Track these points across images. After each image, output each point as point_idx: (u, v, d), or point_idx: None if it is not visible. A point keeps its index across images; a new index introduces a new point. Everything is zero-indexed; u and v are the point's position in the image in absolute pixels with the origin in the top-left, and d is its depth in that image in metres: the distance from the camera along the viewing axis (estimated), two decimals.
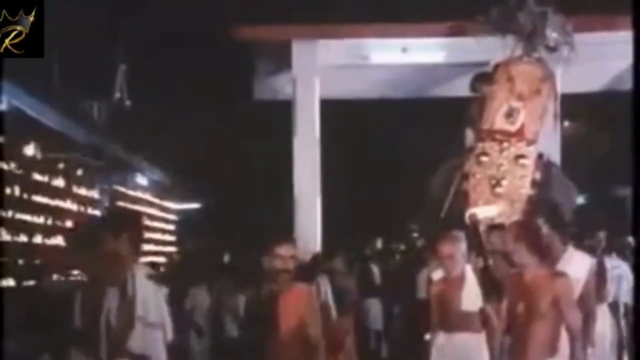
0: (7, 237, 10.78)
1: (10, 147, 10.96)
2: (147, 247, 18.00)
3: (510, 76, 10.70)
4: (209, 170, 19.80)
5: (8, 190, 10.87)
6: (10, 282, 10.53)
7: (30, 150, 11.73)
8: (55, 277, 12.11)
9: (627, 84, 11.82)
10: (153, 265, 14.35)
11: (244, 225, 18.09)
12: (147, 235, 18.46)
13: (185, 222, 21.64)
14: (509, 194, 10.26)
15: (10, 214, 10.89)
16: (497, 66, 10.96)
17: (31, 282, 11.21)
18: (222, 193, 20.40)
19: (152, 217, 19.20)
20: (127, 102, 16.62)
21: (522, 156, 10.39)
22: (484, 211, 9.95)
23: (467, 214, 9.87)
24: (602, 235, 9.97)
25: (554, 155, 11.57)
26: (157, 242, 19.31)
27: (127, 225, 6.01)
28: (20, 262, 11.20)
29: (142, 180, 18.36)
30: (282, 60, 13.06)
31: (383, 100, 14.42)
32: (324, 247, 12.14)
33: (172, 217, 21.15)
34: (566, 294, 6.54)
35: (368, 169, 17.73)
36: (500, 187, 10.22)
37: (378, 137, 17.49)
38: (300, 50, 12.81)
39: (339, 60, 13.13)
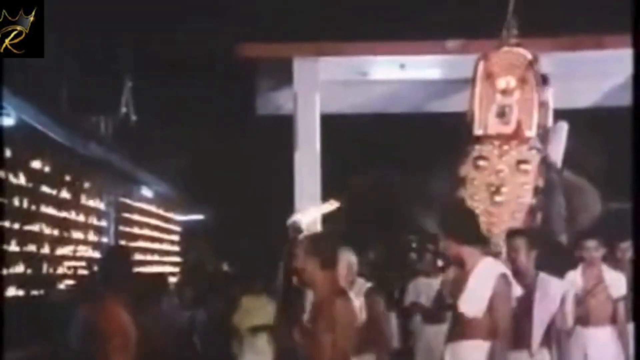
0: (15, 247, 10.70)
1: (19, 160, 10.90)
2: (151, 257, 17.92)
3: (489, 71, 9.61)
4: (212, 183, 19.76)
5: (17, 202, 10.80)
6: (19, 292, 10.50)
7: (38, 163, 11.68)
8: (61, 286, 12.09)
9: (618, 100, 11.79)
10: (162, 276, 14.25)
11: (245, 237, 18.05)
12: (152, 245, 18.38)
13: (188, 233, 21.60)
14: (509, 202, 9.17)
15: (18, 225, 10.81)
16: (475, 63, 9.91)
17: (38, 292, 11.21)
18: (225, 205, 20.33)
19: (157, 228, 19.13)
20: (133, 117, 16.61)
21: (523, 161, 9.27)
22: (307, 215, 8.69)
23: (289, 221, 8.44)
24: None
25: (556, 153, 10.02)
26: (161, 252, 19.23)
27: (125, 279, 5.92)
28: (29, 271, 11.15)
29: (147, 192, 18.31)
30: (283, 77, 12.99)
31: (382, 115, 14.36)
32: None
33: (176, 228, 21.09)
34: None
35: (368, 182, 17.67)
36: (500, 195, 9.13)
37: (377, 151, 17.44)
38: (301, 67, 12.71)
39: (338, 77, 13.07)
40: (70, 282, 12.43)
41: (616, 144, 9.29)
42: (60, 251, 12.35)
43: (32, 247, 11.29)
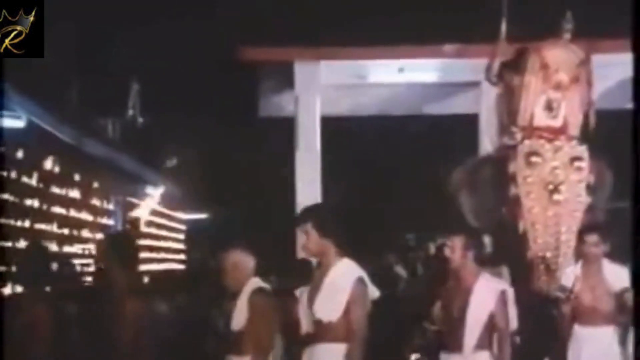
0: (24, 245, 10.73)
1: (29, 161, 10.92)
2: (157, 255, 17.96)
3: (544, 63, 8.71)
4: (216, 183, 19.81)
5: (28, 202, 10.84)
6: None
7: (48, 164, 11.70)
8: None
9: (613, 103, 11.82)
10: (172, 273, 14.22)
11: (248, 235, 18.08)
12: (158, 243, 18.42)
13: (193, 231, 21.63)
14: (568, 202, 8.40)
15: (28, 223, 10.85)
16: (524, 52, 8.89)
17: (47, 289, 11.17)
18: (229, 204, 20.38)
19: (163, 227, 19.17)
20: (140, 119, 16.64)
21: (577, 158, 8.51)
22: None
23: None
24: None
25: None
26: (167, 250, 19.28)
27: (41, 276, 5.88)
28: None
29: (153, 192, 18.32)
30: (285, 80, 13.16)
31: (380, 116, 14.46)
32: None
33: (181, 226, 21.12)
34: None
35: (367, 182, 17.74)
36: (559, 193, 8.34)
37: (376, 152, 17.51)
38: (302, 71, 12.90)
39: (338, 80, 13.28)
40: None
41: (609, 145, 9.26)
42: (69, 249, 12.38)
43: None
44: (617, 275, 7.42)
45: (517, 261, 7.88)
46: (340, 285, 5.83)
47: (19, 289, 6.06)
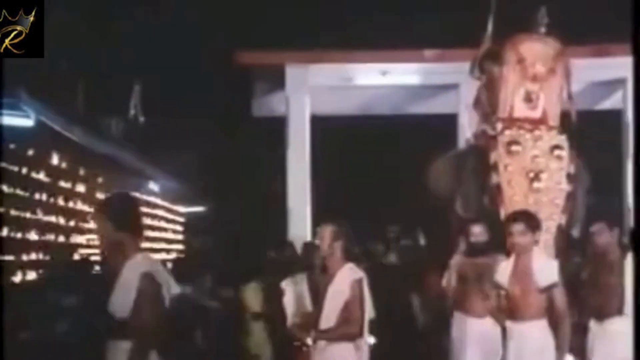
0: (35, 236, 10.95)
1: (38, 157, 11.12)
2: (158, 245, 18.18)
3: (520, 56, 8.60)
4: (213, 178, 19.88)
5: (37, 195, 11.05)
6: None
7: (55, 160, 11.89)
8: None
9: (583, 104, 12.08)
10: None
11: (243, 229, 18.19)
12: (159, 235, 18.62)
13: (191, 223, 21.70)
14: (549, 189, 8.17)
15: (38, 216, 11.06)
16: (501, 46, 8.84)
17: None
18: (224, 198, 20.50)
19: (163, 219, 19.38)
20: (141, 118, 16.79)
21: (557, 147, 8.33)
22: None
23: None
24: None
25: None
26: (168, 240, 19.47)
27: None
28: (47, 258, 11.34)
29: (154, 186, 18.44)
30: (276, 82, 13.24)
31: (365, 116, 14.58)
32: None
33: (180, 219, 21.27)
34: None
35: (354, 177, 17.83)
36: (539, 181, 8.12)
37: (362, 149, 17.59)
38: (292, 73, 13.02)
39: (327, 82, 13.34)
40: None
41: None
42: (75, 239, 12.56)
43: (50, 236, 11.55)
44: (546, 270, 6.40)
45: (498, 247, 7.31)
46: (130, 282, 5.03)
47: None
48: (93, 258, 11.65)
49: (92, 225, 13.46)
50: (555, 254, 7.81)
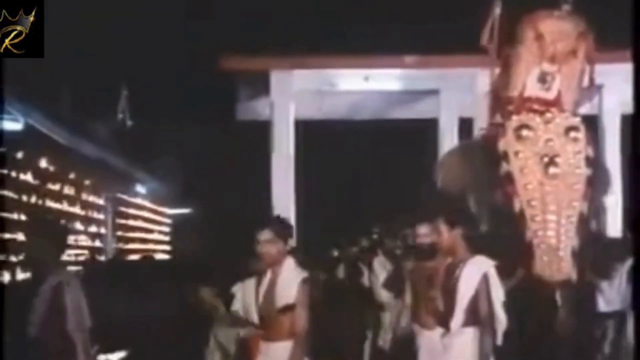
0: (23, 237, 10.78)
1: (26, 160, 10.98)
2: (145, 246, 18.04)
3: (538, 33, 7.56)
4: (198, 181, 19.83)
5: (25, 198, 10.90)
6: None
7: (44, 163, 11.75)
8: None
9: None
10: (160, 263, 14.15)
11: (227, 229, 18.13)
12: (145, 236, 18.48)
13: (177, 225, 21.65)
14: (566, 174, 7.14)
15: (25, 217, 10.90)
16: (518, 23, 7.75)
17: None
18: (209, 200, 20.43)
19: (150, 220, 19.26)
20: (129, 122, 16.71)
21: (573, 128, 7.29)
22: None
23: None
24: None
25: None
26: (155, 241, 19.38)
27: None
28: None
29: (141, 189, 18.38)
30: (261, 87, 13.13)
31: (348, 120, 14.52)
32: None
33: (166, 220, 21.19)
34: None
35: (337, 180, 17.81)
36: (555, 166, 7.12)
37: (344, 152, 17.57)
38: (277, 78, 12.88)
39: (310, 87, 13.23)
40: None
41: None
42: None
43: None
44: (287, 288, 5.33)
45: (515, 244, 6.67)
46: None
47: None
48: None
49: (79, 226, 13.35)
50: (579, 245, 6.92)
